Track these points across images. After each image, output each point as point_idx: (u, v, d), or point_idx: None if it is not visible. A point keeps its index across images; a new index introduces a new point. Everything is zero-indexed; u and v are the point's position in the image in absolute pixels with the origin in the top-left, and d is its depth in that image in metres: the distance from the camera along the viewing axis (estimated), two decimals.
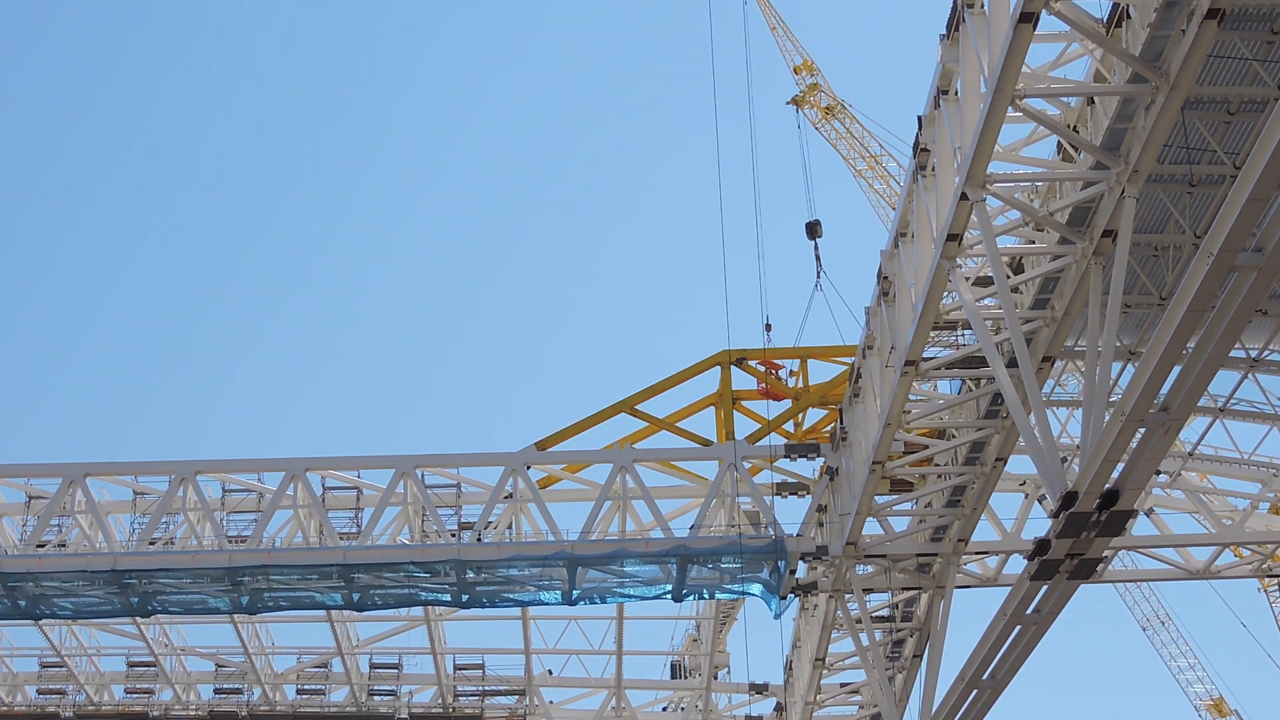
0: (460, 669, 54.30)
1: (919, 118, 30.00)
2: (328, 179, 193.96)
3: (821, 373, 41.57)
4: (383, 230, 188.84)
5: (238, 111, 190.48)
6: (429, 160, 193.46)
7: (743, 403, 41.57)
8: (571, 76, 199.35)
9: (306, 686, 55.08)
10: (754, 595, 40.99)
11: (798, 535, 39.71)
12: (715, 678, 53.76)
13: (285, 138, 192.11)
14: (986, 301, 31.57)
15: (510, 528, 42.01)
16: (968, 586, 42.08)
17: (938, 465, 37.15)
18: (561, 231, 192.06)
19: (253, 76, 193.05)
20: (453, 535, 41.01)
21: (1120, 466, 25.93)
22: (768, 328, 43.42)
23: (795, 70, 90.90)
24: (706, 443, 41.20)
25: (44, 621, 49.14)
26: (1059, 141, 29.79)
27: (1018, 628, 31.67)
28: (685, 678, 56.58)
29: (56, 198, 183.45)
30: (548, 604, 42.83)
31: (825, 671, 46.60)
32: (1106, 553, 37.97)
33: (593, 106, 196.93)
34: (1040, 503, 41.28)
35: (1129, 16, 25.40)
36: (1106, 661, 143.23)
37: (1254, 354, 36.86)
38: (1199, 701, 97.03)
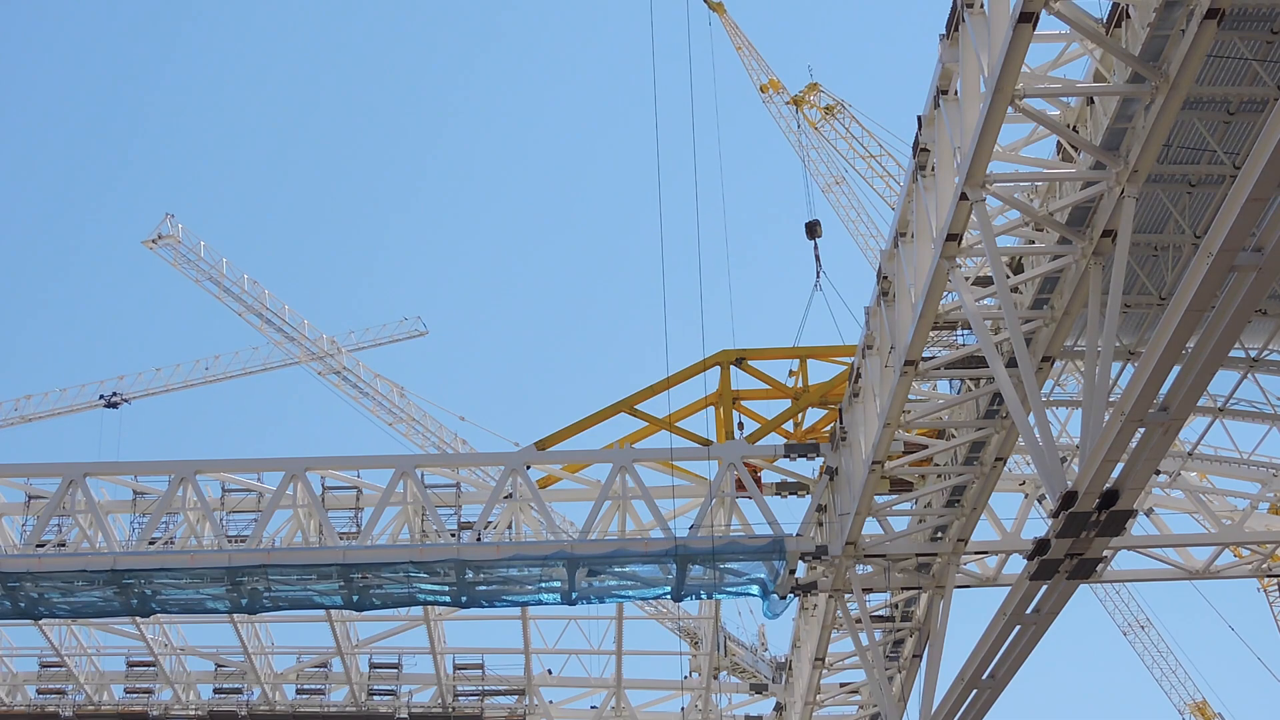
0: (460, 669, 54.27)
1: (919, 118, 29.96)
2: (330, 178, 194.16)
3: (821, 373, 41.51)
4: (381, 231, 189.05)
5: (247, 110, 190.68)
6: (428, 162, 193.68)
7: (742, 403, 41.56)
8: (571, 82, 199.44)
9: (306, 686, 55.05)
10: (753, 595, 40.99)
11: (797, 535, 39.70)
12: (715, 678, 53.72)
13: (290, 137, 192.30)
14: (986, 301, 31.53)
15: (510, 528, 41.99)
16: (968, 586, 42.05)
17: (937, 465, 37.13)
18: (561, 232, 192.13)
19: (262, 81, 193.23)
20: (452, 535, 40.99)
21: (1120, 466, 25.91)
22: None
23: (762, 89, 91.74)
24: (706, 443, 41.14)
25: (44, 621, 49.13)
26: (1059, 141, 29.75)
27: (1017, 627, 31.67)
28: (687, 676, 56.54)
29: (58, 194, 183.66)
30: (547, 604, 42.83)
31: (825, 671, 46.59)
32: (1106, 552, 37.99)
33: (592, 109, 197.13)
34: (1040, 503, 41.26)
35: (1129, 16, 25.38)
36: (1089, 664, 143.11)
37: (1254, 354, 36.81)
38: (1182, 705, 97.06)
